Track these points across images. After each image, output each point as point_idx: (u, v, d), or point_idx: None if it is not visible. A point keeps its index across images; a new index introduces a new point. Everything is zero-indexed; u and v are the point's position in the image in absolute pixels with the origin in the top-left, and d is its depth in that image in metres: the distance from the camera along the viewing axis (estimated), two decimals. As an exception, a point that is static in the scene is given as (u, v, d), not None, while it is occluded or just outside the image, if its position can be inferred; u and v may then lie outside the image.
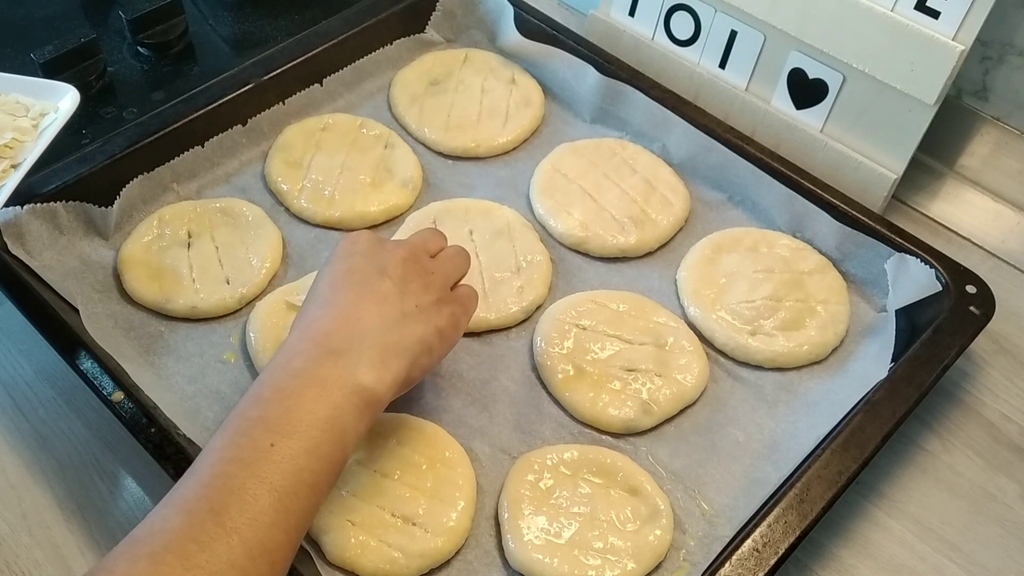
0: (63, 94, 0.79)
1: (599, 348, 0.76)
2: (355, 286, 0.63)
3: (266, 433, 0.54)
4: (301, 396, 0.56)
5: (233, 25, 1.08)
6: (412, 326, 0.63)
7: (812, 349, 0.77)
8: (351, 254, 0.65)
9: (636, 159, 0.90)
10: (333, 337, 0.60)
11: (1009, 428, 0.77)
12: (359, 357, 0.59)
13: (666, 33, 0.97)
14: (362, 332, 0.60)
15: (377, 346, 0.60)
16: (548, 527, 0.66)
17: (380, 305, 0.62)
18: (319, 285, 0.65)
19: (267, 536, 0.51)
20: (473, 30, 1.03)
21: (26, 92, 0.79)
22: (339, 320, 0.61)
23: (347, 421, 0.57)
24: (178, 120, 0.85)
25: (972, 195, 0.91)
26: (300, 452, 0.54)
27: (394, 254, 0.66)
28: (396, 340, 0.61)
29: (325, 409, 0.56)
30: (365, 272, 0.64)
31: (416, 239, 0.70)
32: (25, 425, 0.74)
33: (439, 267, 0.68)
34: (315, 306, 0.63)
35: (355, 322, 0.61)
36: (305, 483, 0.54)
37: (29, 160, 0.74)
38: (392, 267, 0.65)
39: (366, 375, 0.59)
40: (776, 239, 0.84)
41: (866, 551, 0.70)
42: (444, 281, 0.68)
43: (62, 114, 0.78)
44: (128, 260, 0.79)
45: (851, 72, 0.86)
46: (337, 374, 0.58)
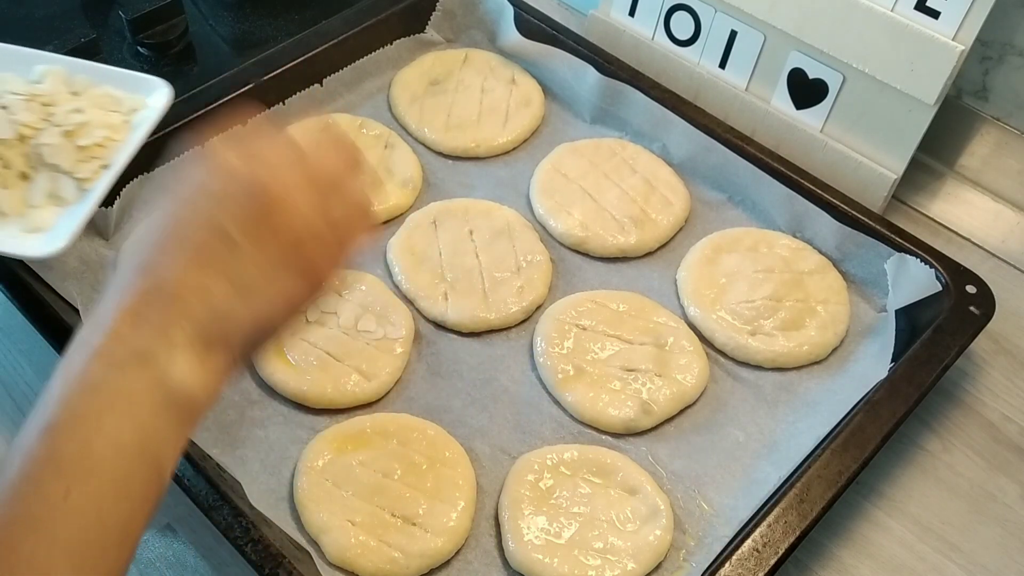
0: (155, 88, 0.76)
1: (599, 348, 0.76)
2: (178, 246, 0.49)
3: (58, 479, 0.42)
4: (101, 420, 0.44)
5: (233, 25, 1.08)
6: (248, 301, 0.49)
7: (812, 349, 0.77)
8: (192, 192, 0.51)
9: (636, 159, 0.90)
10: (141, 326, 0.46)
11: (1009, 428, 0.77)
12: (172, 359, 0.46)
13: (666, 33, 0.97)
14: (178, 315, 0.47)
15: (196, 337, 0.47)
16: (548, 527, 0.66)
17: (203, 273, 0.48)
18: (143, 230, 0.52)
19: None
20: (473, 30, 1.03)
21: (118, 84, 0.75)
22: (150, 297, 0.47)
23: (161, 441, 0.46)
24: (178, 120, 0.85)
25: (972, 195, 0.91)
26: (104, 495, 0.43)
27: (236, 192, 0.50)
28: (222, 325, 0.48)
29: (132, 434, 0.44)
30: (196, 222, 0.49)
31: (268, 176, 0.51)
32: (25, 425, 0.74)
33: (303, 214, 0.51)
34: (130, 269, 0.49)
35: (168, 301, 0.47)
36: (113, 530, 0.43)
37: (121, 161, 0.71)
38: (229, 213, 0.49)
39: (183, 380, 0.46)
40: (776, 239, 0.84)
41: (866, 551, 0.70)
42: (298, 234, 0.51)
43: (154, 111, 0.74)
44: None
45: (851, 72, 0.86)
46: (145, 383, 0.45)
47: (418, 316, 0.79)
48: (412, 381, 0.75)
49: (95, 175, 0.71)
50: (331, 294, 0.56)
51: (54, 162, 0.71)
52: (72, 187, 0.71)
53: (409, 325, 0.77)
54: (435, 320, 0.79)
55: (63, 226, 0.69)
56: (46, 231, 0.70)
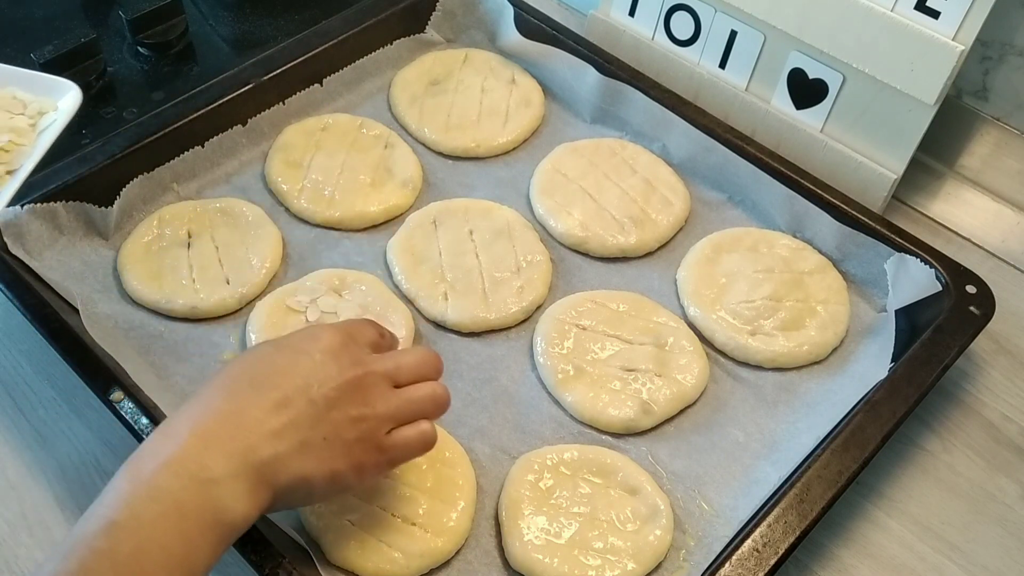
0: (64, 92, 0.74)
1: (599, 348, 0.76)
2: (267, 387, 0.56)
3: (113, 575, 0.48)
4: (155, 528, 0.50)
5: (233, 25, 1.08)
6: (304, 459, 0.55)
7: (812, 349, 0.77)
8: (296, 349, 0.58)
9: (636, 159, 0.90)
10: (211, 446, 0.53)
11: (1009, 428, 0.77)
12: (228, 486, 0.52)
13: (666, 33, 0.97)
14: (245, 448, 0.53)
15: (253, 471, 0.53)
16: (548, 527, 0.66)
17: (280, 420, 0.55)
18: (239, 361, 0.59)
19: None
20: (473, 30, 1.03)
21: (25, 87, 0.73)
22: (226, 422, 0.54)
23: (200, 559, 0.51)
24: (178, 120, 0.85)
25: (972, 195, 0.91)
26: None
27: (342, 372, 0.57)
28: (276, 469, 0.54)
29: (179, 547, 0.50)
30: (291, 376, 0.56)
31: (392, 363, 0.60)
32: (25, 425, 0.74)
33: (389, 404, 0.59)
34: (215, 391, 0.56)
35: (242, 432, 0.54)
36: None
37: (27, 166, 0.69)
38: (327, 384, 0.57)
39: (231, 509, 0.52)
40: (776, 239, 0.84)
41: (866, 551, 0.70)
42: (381, 423, 0.58)
43: (62, 115, 0.73)
44: (128, 260, 0.79)
45: (851, 72, 0.86)
46: (199, 503, 0.51)
47: (418, 316, 0.79)
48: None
49: (0, 181, 0.69)
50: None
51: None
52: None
53: (409, 325, 0.77)
54: (435, 320, 0.79)
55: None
56: None
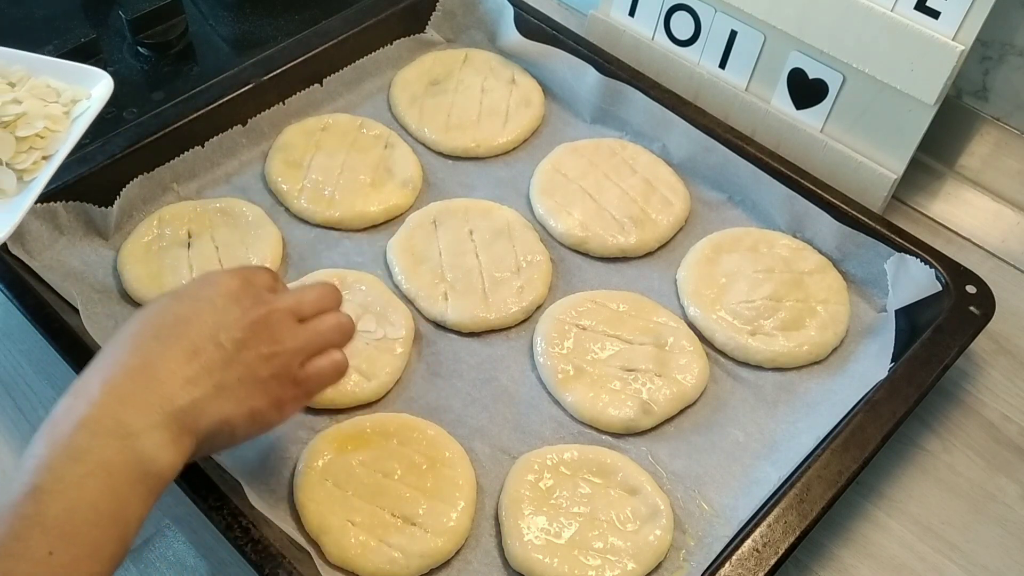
0: (97, 80, 0.75)
1: (599, 348, 0.76)
2: (174, 338, 0.56)
3: (44, 539, 0.48)
4: (83, 488, 0.50)
5: (233, 25, 1.08)
6: (222, 401, 0.56)
7: (812, 349, 0.77)
8: (195, 297, 0.59)
9: (636, 159, 0.90)
10: (126, 402, 0.53)
11: (1009, 428, 0.77)
12: (150, 438, 0.52)
13: (666, 33, 0.97)
14: (160, 399, 0.54)
15: (173, 420, 0.54)
16: (548, 527, 0.66)
17: (192, 367, 0.55)
18: (140, 316, 0.58)
19: None
20: (473, 30, 1.03)
21: (58, 75, 0.75)
22: (138, 377, 0.54)
23: (131, 511, 0.52)
24: (178, 120, 0.85)
25: (972, 195, 0.91)
26: (82, 557, 0.49)
27: (245, 313, 0.58)
28: (196, 415, 0.55)
29: (109, 503, 0.50)
30: (196, 324, 0.57)
31: (293, 299, 0.61)
32: (25, 425, 0.74)
33: (298, 338, 0.60)
34: (121, 347, 0.56)
35: (155, 384, 0.54)
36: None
37: (61, 152, 0.71)
38: (233, 327, 0.57)
39: (155, 458, 0.52)
40: (776, 239, 0.84)
41: (866, 551, 0.70)
42: (292, 357, 0.59)
43: (95, 102, 0.73)
44: (128, 260, 0.79)
45: (851, 72, 0.86)
46: (124, 458, 0.51)
47: (418, 316, 0.79)
48: (412, 381, 0.75)
49: (36, 166, 0.70)
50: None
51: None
52: (12, 179, 0.70)
53: (409, 325, 0.77)
54: (435, 320, 0.79)
55: (2, 218, 0.68)
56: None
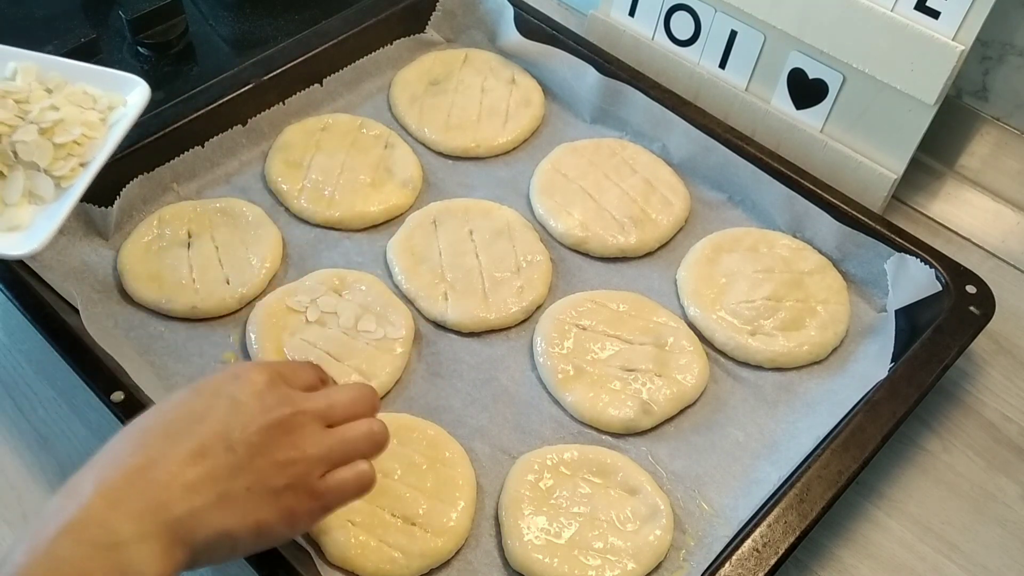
0: (133, 87, 0.75)
1: (599, 348, 0.76)
2: (183, 436, 0.51)
3: None
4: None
5: (233, 25, 1.08)
6: (225, 513, 0.51)
7: (812, 349, 0.77)
8: (216, 392, 0.54)
9: (636, 159, 0.90)
10: (118, 506, 0.48)
11: (1009, 428, 0.77)
12: (137, 550, 0.47)
13: (666, 33, 0.97)
14: (156, 506, 0.49)
15: (166, 530, 0.49)
16: (548, 527, 0.66)
17: (196, 471, 0.50)
18: (155, 408, 0.54)
19: None
20: (473, 30, 1.03)
21: (95, 83, 0.75)
22: (136, 478, 0.49)
23: None
24: (178, 120, 0.85)
25: (972, 195, 0.91)
26: None
27: (266, 414, 0.53)
28: (192, 526, 0.50)
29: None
30: (209, 422, 0.52)
31: (324, 401, 0.56)
32: (25, 425, 0.74)
33: (321, 445, 0.54)
34: (126, 442, 0.52)
35: (152, 488, 0.49)
36: None
37: (99, 159, 0.71)
38: (251, 428, 0.52)
39: (141, 572, 0.47)
40: (776, 239, 0.84)
41: (866, 551, 0.70)
42: (313, 466, 0.54)
43: (132, 109, 0.74)
44: (128, 260, 0.79)
45: (851, 72, 0.86)
46: (105, 571, 0.47)
47: (418, 316, 0.79)
48: (412, 381, 0.75)
49: (73, 173, 0.71)
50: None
51: (31, 160, 0.70)
52: (49, 185, 0.70)
53: (409, 325, 0.77)
54: (435, 320, 0.79)
55: (41, 225, 0.69)
56: (24, 230, 0.69)
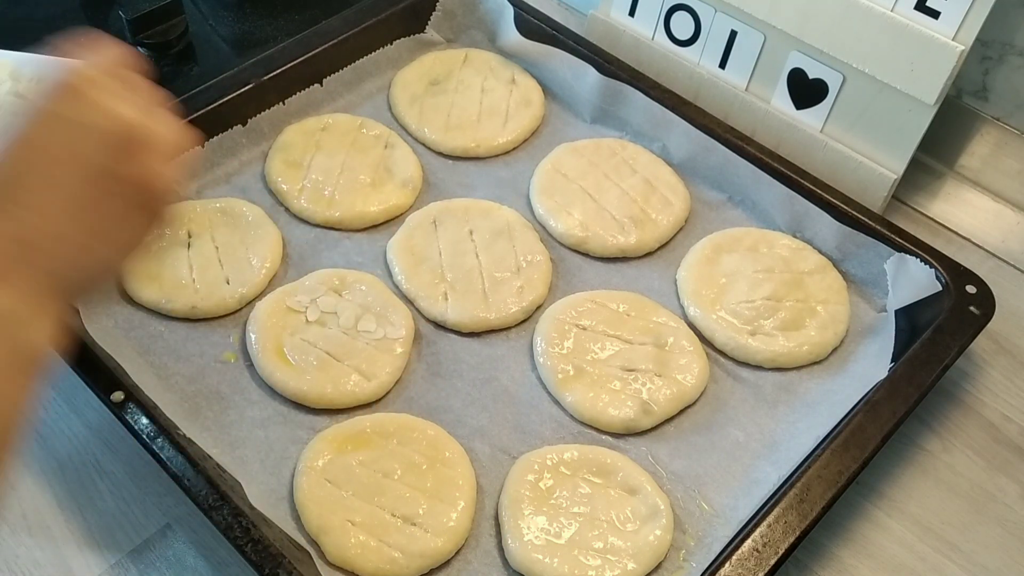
0: None
1: (599, 348, 0.76)
2: (54, 184, 0.47)
3: None
4: None
5: (233, 25, 1.08)
6: (96, 248, 0.49)
7: (812, 349, 0.77)
8: (52, 115, 0.48)
9: (636, 159, 0.90)
10: (3, 283, 0.45)
11: (1009, 428, 0.77)
12: (21, 316, 0.46)
13: (666, 33, 0.97)
14: (30, 265, 0.46)
15: (46, 288, 0.47)
16: (548, 527, 0.66)
17: (64, 216, 0.47)
18: (2, 148, 0.48)
19: None
20: (473, 30, 1.03)
21: None
22: (14, 248, 0.46)
23: (10, 403, 0.45)
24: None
25: (972, 195, 0.91)
26: None
27: (104, 130, 0.48)
28: (68, 272, 0.48)
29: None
30: (63, 155, 0.47)
31: (131, 113, 0.49)
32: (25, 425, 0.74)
33: (151, 159, 0.50)
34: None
35: (27, 248, 0.46)
36: None
37: None
38: (97, 152, 0.48)
39: (36, 339, 0.46)
40: (776, 239, 0.84)
41: (866, 551, 0.70)
42: (151, 182, 0.50)
43: None
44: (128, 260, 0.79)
45: (851, 72, 0.86)
46: (2, 352, 0.45)
47: (418, 316, 0.79)
48: (412, 381, 0.75)
49: None
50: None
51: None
52: None
53: (409, 325, 0.77)
54: (435, 320, 0.79)
55: None
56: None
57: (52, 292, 0.47)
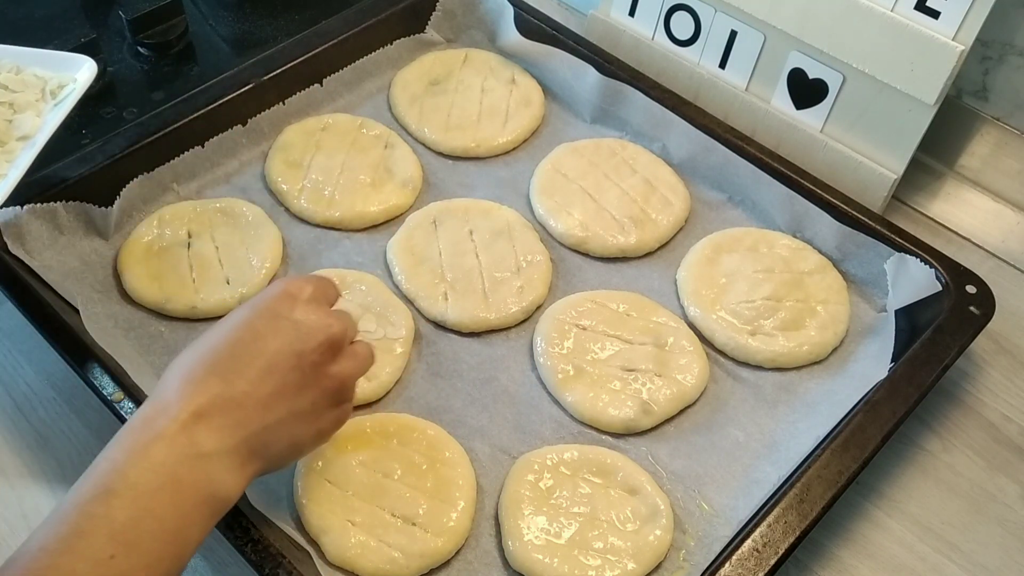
0: (80, 65, 0.78)
1: (599, 348, 0.76)
2: (251, 355, 0.56)
3: (108, 542, 0.48)
4: (153, 499, 0.50)
5: (233, 25, 1.08)
6: (293, 427, 0.58)
7: (812, 349, 0.77)
8: (271, 314, 0.58)
9: (636, 159, 0.90)
10: (202, 421, 0.53)
11: (1009, 428, 0.77)
12: (221, 461, 0.53)
13: (666, 33, 0.97)
14: (236, 423, 0.54)
15: (245, 445, 0.55)
16: (548, 527, 0.66)
17: (267, 389, 0.56)
18: (215, 332, 0.58)
19: None
20: (473, 30, 1.03)
21: (43, 66, 0.79)
22: (221, 397, 0.54)
23: (192, 533, 0.52)
24: (178, 120, 0.85)
25: (972, 195, 0.91)
26: (139, 567, 0.49)
27: (319, 333, 0.58)
28: (266, 440, 0.56)
29: (175, 520, 0.51)
30: (273, 343, 0.57)
31: (340, 325, 0.60)
32: (25, 425, 0.74)
33: (349, 365, 0.61)
34: (199, 362, 0.56)
35: (235, 408, 0.54)
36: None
37: (43, 136, 0.73)
38: (310, 349, 0.58)
39: (223, 483, 0.54)
40: (776, 239, 0.84)
41: (866, 551, 0.70)
42: (348, 382, 0.61)
43: (80, 84, 0.77)
44: (128, 260, 0.79)
45: (851, 72, 0.86)
46: (194, 477, 0.52)
47: (418, 316, 0.79)
48: (412, 381, 0.75)
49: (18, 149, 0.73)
50: None
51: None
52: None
53: (409, 325, 0.77)
54: (435, 320, 0.79)
55: None
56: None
57: (249, 453, 0.55)
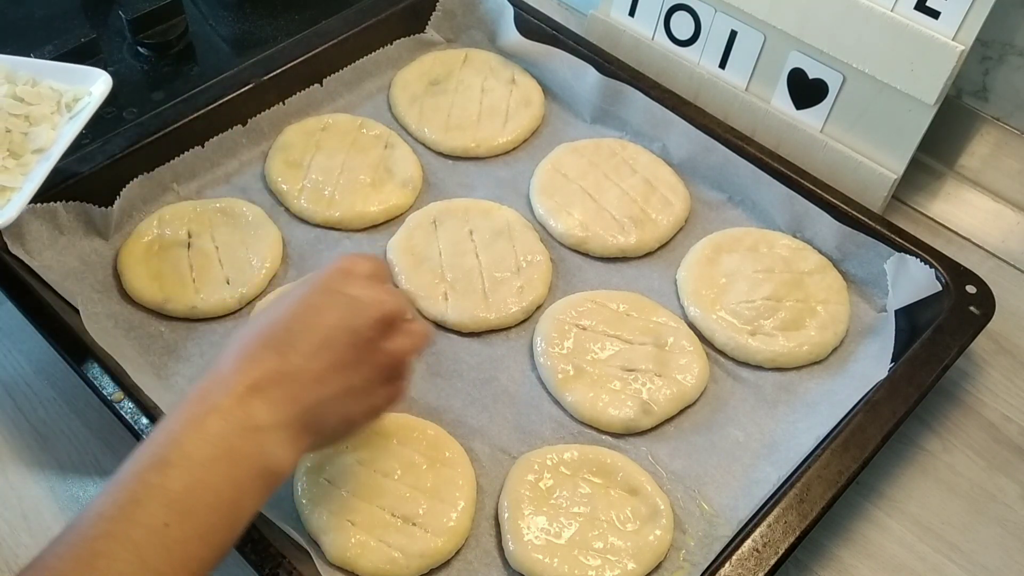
0: (95, 78, 0.79)
1: (599, 348, 0.76)
2: (307, 330, 0.56)
3: (163, 510, 0.48)
4: (208, 470, 0.51)
5: (233, 25, 1.08)
6: (347, 403, 0.58)
7: (812, 349, 0.77)
8: (327, 289, 0.59)
9: (636, 159, 0.90)
10: (257, 394, 0.53)
11: (1009, 428, 0.77)
12: (276, 434, 0.53)
13: (666, 33, 0.97)
14: (291, 397, 0.54)
15: (299, 420, 0.55)
16: (548, 527, 0.66)
17: (322, 364, 0.56)
18: (273, 307, 0.58)
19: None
20: (473, 30, 1.03)
21: (58, 78, 0.79)
22: (277, 374, 0.54)
23: (246, 505, 0.52)
24: (178, 120, 0.85)
25: (972, 195, 0.91)
26: (193, 537, 0.49)
27: (374, 308, 0.58)
28: (320, 415, 0.56)
29: (230, 491, 0.51)
30: (329, 318, 0.57)
31: (395, 302, 0.60)
32: (25, 425, 0.74)
33: (404, 342, 0.61)
34: (257, 338, 0.56)
35: (290, 382, 0.55)
36: (191, 571, 0.49)
37: (59, 148, 0.73)
38: (366, 325, 0.58)
39: (277, 456, 0.54)
40: (776, 239, 0.84)
41: (866, 551, 0.70)
42: (401, 359, 0.61)
43: (95, 98, 0.77)
44: (128, 260, 0.79)
45: (851, 72, 0.86)
46: (249, 449, 0.52)
47: (418, 316, 0.79)
48: (412, 381, 0.75)
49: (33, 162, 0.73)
50: None
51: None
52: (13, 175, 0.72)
53: (409, 325, 0.77)
54: (435, 320, 0.79)
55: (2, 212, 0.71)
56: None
57: (303, 428, 0.55)
